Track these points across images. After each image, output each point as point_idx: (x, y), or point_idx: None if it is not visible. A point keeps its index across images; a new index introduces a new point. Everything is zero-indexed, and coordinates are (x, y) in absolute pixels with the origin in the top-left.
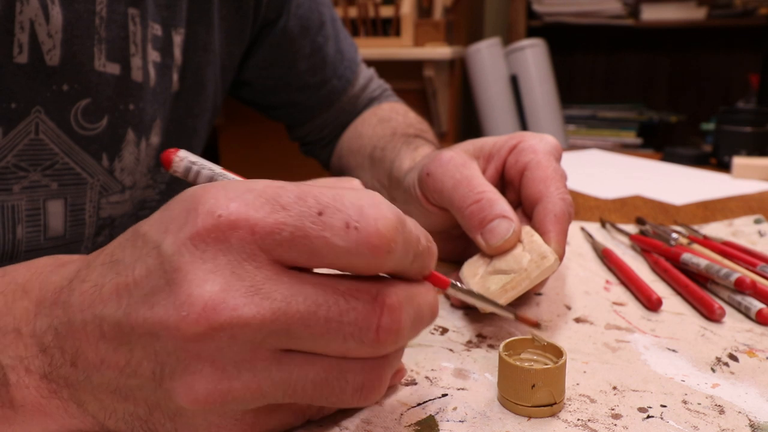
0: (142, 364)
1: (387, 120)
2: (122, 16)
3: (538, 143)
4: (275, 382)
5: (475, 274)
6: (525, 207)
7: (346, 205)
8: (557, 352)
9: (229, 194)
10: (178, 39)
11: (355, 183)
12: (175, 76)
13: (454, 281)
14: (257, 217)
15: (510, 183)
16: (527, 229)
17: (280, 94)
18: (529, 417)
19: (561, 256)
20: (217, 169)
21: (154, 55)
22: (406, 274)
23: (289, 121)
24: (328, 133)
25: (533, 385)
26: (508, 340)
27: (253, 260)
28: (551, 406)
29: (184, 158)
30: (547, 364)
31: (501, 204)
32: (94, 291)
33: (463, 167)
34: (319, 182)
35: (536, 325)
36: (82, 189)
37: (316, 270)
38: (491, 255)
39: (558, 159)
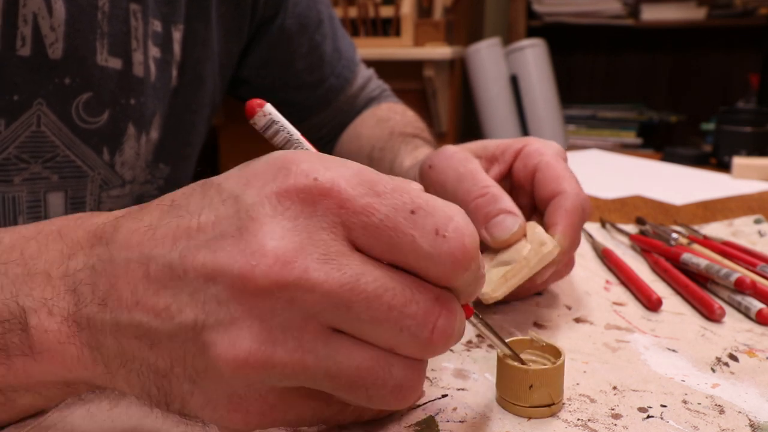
0: (184, 310)
1: (385, 120)
2: (124, 12)
3: (544, 146)
4: (319, 359)
5: None
6: (540, 208)
7: (438, 211)
8: (556, 353)
9: (325, 163)
10: (177, 35)
11: (415, 186)
12: (174, 71)
13: (476, 312)
14: (351, 194)
15: (520, 187)
16: (531, 224)
17: (277, 93)
18: (529, 418)
19: (569, 247)
20: (296, 134)
21: (154, 51)
22: (460, 294)
23: (288, 119)
24: (326, 132)
25: (531, 386)
26: (507, 341)
27: (331, 231)
28: (549, 407)
29: (268, 114)
30: (545, 365)
31: (506, 200)
32: (147, 231)
33: (466, 162)
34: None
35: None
36: (82, 182)
37: None
38: (495, 249)
39: (565, 161)
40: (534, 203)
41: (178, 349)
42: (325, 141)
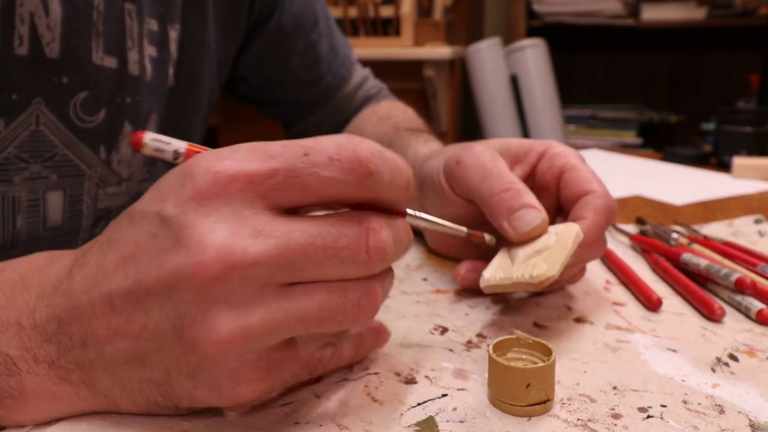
0: (160, 323)
1: (387, 117)
2: (119, 11)
3: (567, 149)
4: (287, 312)
5: (506, 265)
6: (566, 208)
7: (324, 143)
8: (543, 349)
9: (219, 155)
10: (173, 34)
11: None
12: (170, 70)
13: (409, 211)
14: (251, 168)
15: (545, 188)
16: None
17: (274, 91)
18: (529, 417)
19: (594, 242)
20: (185, 143)
21: (150, 50)
22: (389, 202)
23: (285, 117)
24: (325, 131)
25: (528, 385)
26: (494, 342)
27: (251, 207)
28: (545, 404)
29: (154, 137)
30: (536, 362)
31: (530, 197)
32: (97, 272)
33: (494, 160)
34: None
35: (482, 237)
36: (80, 180)
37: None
38: (518, 244)
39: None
40: (558, 205)
41: (168, 356)
42: None
